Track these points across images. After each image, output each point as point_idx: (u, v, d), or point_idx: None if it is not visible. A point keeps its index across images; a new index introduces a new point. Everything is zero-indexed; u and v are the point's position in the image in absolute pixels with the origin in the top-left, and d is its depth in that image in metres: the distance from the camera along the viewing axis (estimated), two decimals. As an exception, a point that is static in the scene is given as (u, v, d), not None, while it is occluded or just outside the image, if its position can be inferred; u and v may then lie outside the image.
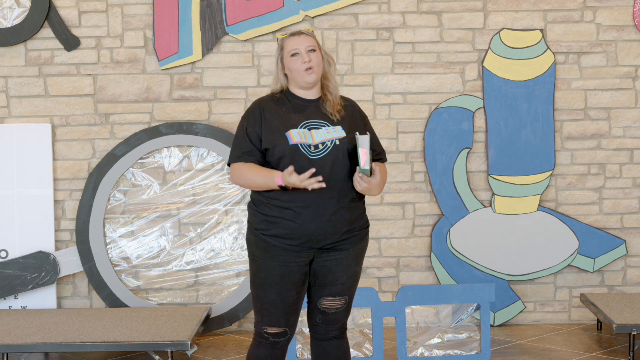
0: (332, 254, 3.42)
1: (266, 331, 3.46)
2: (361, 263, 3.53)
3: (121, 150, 5.46)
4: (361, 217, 3.49)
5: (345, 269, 3.45)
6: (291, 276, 3.40)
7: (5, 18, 5.46)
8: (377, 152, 3.53)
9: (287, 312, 3.45)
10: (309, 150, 3.35)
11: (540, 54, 5.48)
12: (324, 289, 3.47)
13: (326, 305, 3.48)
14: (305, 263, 3.42)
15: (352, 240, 3.44)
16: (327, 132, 3.39)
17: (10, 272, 5.39)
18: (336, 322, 3.53)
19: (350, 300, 3.54)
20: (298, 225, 3.35)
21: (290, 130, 3.36)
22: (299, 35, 3.45)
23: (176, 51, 5.47)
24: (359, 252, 3.49)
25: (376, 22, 5.49)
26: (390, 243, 5.58)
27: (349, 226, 3.41)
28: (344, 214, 3.38)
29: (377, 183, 3.37)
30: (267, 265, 3.40)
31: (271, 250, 3.39)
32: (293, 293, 3.43)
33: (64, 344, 4.57)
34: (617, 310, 4.93)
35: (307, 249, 3.38)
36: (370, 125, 3.58)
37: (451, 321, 5.20)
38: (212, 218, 5.52)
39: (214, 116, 5.52)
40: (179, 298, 5.54)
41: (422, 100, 5.53)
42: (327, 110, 3.44)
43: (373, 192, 3.39)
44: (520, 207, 5.52)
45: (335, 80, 3.51)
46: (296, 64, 3.41)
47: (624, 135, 5.55)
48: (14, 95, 5.51)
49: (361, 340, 4.90)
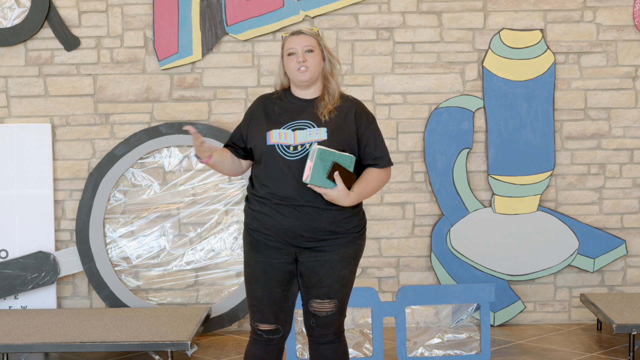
0: (315, 255, 3.42)
1: (259, 328, 3.50)
2: (350, 267, 3.48)
3: (121, 150, 5.46)
4: (349, 220, 3.44)
5: (329, 271, 3.42)
6: (274, 272, 3.42)
7: (5, 18, 5.46)
8: (374, 156, 3.48)
9: (276, 309, 3.47)
10: (287, 151, 3.37)
11: (540, 54, 5.48)
12: (311, 291, 3.46)
13: (316, 308, 3.48)
14: (287, 261, 3.43)
15: (337, 242, 3.42)
16: (309, 133, 3.38)
17: (10, 272, 5.39)
18: (330, 326, 3.51)
19: (342, 304, 3.50)
20: (275, 221, 3.39)
21: (272, 131, 3.40)
22: (299, 35, 3.46)
23: (176, 51, 5.47)
24: (345, 256, 3.44)
25: (376, 22, 5.49)
26: (390, 243, 5.58)
27: (331, 227, 3.39)
28: (322, 214, 3.38)
29: (339, 195, 3.32)
30: (252, 260, 3.46)
31: (255, 245, 3.45)
32: (278, 290, 3.44)
33: (64, 344, 4.57)
34: (617, 310, 4.93)
35: (286, 246, 3.41)
36: (373, 128, 3.50)
37: (451, 321, 5.20)
38: (212, 218, 5.52)
39: (214, 116, 5.52)
40: (179, 298, 5.54)
41: (422, 100, 5.53)
42: (318, 111, 3.43)
43: (339, 202, 3.35)
44: (520, 207, 5.52)
45: (337, 81, 3.50)
46: (291, 63, 3.44)
47: (624, 135, 5.55)
48: (14, 95, 5.51)
49: (361, 340, 4.90)
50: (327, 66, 3.48)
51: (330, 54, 3.49)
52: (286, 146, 3.37)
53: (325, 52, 3.48)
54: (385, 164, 3.51)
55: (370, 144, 3.47)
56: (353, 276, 3.51)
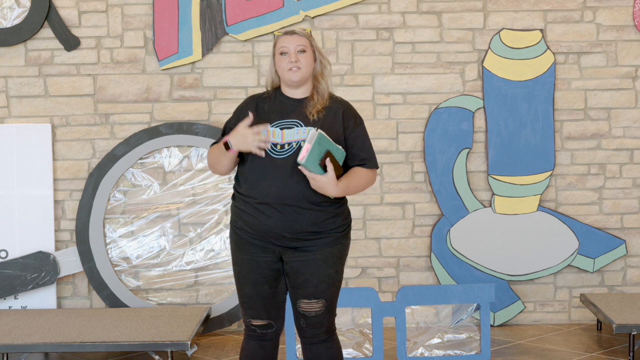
0: (299, 255, 3.43)
1: (252, 323, 3.53)
2: (337, 267, 3.48)
3: (121, 150, 5.46)
4: (332, 220, 3.44)
5: (314, 271, 3.43)
6: (260, 270, 3.44)
7: (5, 18, 5.46)
8: (361, 157, 3.47)
9: (266, 305, 3.49)
10: (274, 149, 3.38)
11: (540, 54, 5.49)
12: (298, 291, 3.47)
13: (305, 309, 3.48)
14: (273, 260, 3.45)
15: (320, 242, 3.42)
16: (296, 132, 3.39)
17: (10, 272, 5.39)
18: (320, 325, 3.51)
19: (330, 303, 3.50)
20: (258, 221, 3.40)
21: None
22: (291, 35, 3.47)
23: (176, 51, 5.47)
24: (329, 255, 3.44)
25: (376, 22, 5.49)
26: (390, 243, 5.58)
27: (313, 228, 3.40)
28: (305, 215, 3.38)
29: (328, 182, 3.30)
30: (238, 258, 3.49)
31: (240, 243, 3.47)
32: (266, 287, 3.46)
33: (64, 344, 4.58)
34: (617, 310, 4.93)
35: (270, 245, 3.42)
36: (360, 130, 3.50)
37: (451, 321, 5.20)
38: (212, 218, 5.52)
39: (214, 116, 5.52)
40: (179, 298, 5.54)
41: (422, 100, 5.53)
42: (307, 110, 3.45)
43: (327, 191, 3.33)
44: (520, 207, 5.52)
45: (327, 82, 3.51)
46: (282, 62, 3.45)
47: (624, 135, 5.56)
48: (14, 95, 5.51)
49: (361, 340, 4.91)
50: (317, 67, 3.50)
51: (321, 54, 3.51)
52: (273, 144, 3.39)
53: (316, 52, 3.50)
54: (372, 165, 3.51)
55: (357, 145, 3.48)
56: (340, 275, 3.51)
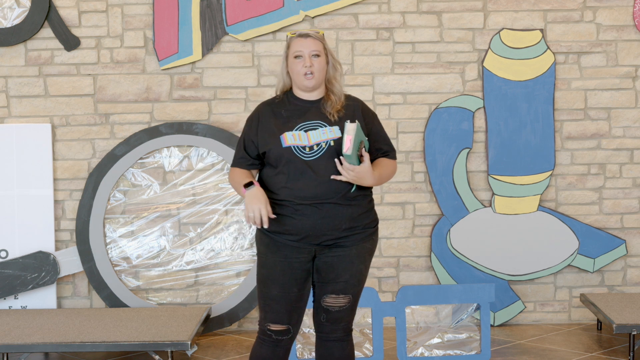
0: (334, 251, 3.45)
1: (270, 328, 3.49)
2: (366, 263, 3.53)
3: (121, 150, 5.46)
4: (366, 215, 3.50)
5: (347, 266, 3.46)
6: (292, 272, 3.44)
7: (5, 18, 5.46)
8: (383, 150, 3.55)
9: (290, 309, 3.48)
10: (303, 152, 3.40)
11: (540, 54, 5.49)
12: (327, 286, 3.49)
13: (329, 303, 3.50)
14: (306, 260, 3.46)
15: (355, 237, 3.46)
16: (322, 133, 3.42)
17: (10, 272, 5.39)
18: (340, 321, 3.53)
19: (355, 301, 3.54)
20: (296, 221, 3.40)
21: (285, 133, 3.43)
22: (306, 38, 3.47)
23: (176, 51, 5.47)
24: (362, 250, 3.49)
25: (376, 22, 5.49)
26: (390, 243, 5.58)
27: (350, 223, 3.44)
28: (342, 210, 3.42)
29: (367, 170, 3.38)
30: (269, 261, 3.46)
31: (273, 246, 3.46)
32: (295, 290, 3.46)
33: (64, 344, 4.57)
34: (617, 310, 4.93)
35: (307, 245, 3.43)
36: (377, 124, 3.58)
37: (451, 321, 5.20)
38: (212, 218, 5.52)
39: (214, 116, 5.52)
40: (179, 298, 5.54)
41: (422, 100, 5.53)
42: (326, 111, 3.47)
43: (365, 181, 3.40)
44: (520, 207, 5.52)
45: (341, 83, 3.55)
46: (297, 66, 3.46)
47: (624, 135, 5.55)
48: (14, 95, 5.51)
49: (361, 340, 4.91)
50: (330, 70, 3.52)
51: (333, 57, 3.53)
52: (302, 147, 3.41)
53: (329, 55, 3.51)
54: (394, 156, 3.61)
55: (380, 139, 3.55)
56: (367, 272, 3.56)
